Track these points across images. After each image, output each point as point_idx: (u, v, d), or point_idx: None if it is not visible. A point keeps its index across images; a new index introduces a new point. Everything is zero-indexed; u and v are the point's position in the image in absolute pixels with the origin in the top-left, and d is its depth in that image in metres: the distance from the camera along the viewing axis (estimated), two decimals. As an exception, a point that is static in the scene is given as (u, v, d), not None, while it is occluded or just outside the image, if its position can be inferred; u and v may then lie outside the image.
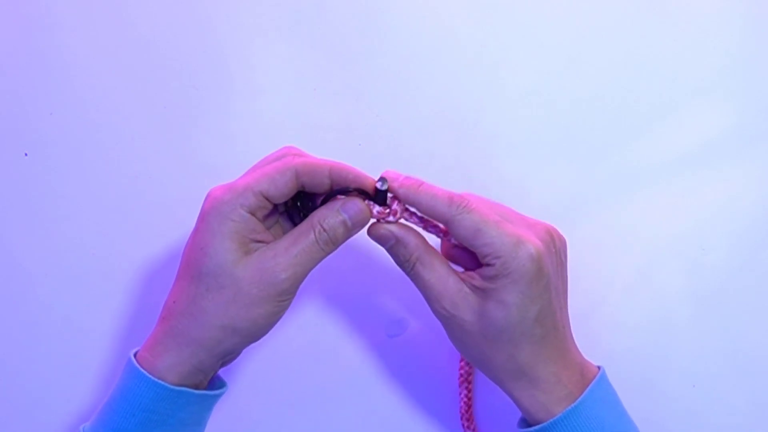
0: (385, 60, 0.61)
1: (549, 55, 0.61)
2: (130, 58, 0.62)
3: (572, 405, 0.48)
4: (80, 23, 0.62)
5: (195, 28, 0.62)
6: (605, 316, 0.59)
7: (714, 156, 0.60)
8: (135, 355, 0.49)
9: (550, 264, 0.48)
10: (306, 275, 0.49)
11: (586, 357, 0.51)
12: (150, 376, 0.48)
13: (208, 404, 0.51)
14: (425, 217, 0.50)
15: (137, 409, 0.48)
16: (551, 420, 0.48)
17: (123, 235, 0.61)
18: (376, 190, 0.49)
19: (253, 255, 0.48)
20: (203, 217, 0.48)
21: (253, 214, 0.48)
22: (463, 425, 0.58)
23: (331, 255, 0.49)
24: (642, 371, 0.53)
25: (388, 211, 0.50)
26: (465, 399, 0.57)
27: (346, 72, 0.61)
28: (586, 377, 0.50)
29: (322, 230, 0.48)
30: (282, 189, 0.48)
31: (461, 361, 0.58)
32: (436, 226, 0.51)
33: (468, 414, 0.57)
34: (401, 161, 0.60)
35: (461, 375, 0.57)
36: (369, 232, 0.50)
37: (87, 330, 0.61)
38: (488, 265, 0.47)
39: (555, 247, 0.50)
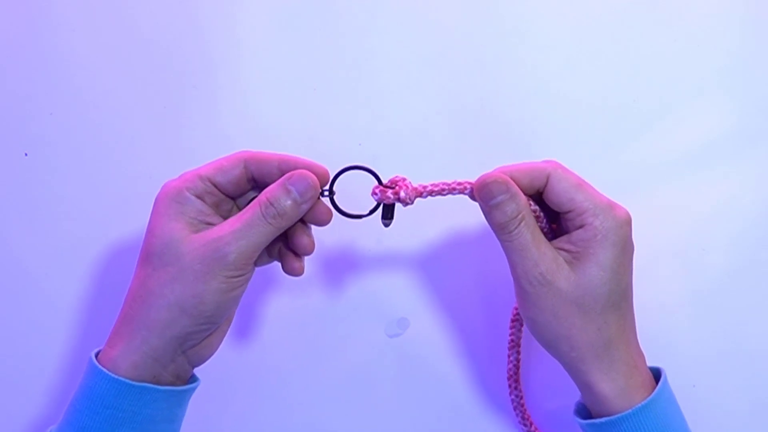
0: (386, 60, 0.61)
1: (548, 55, 0.61)
2: (129, 58, 0.62)
3: (650, 396, 0.47)
4: (80, 23, 0.62)
5: (195, 28, 0.62)
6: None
7: (714, 156, 0.60)
8: (98, 353, 0.49)
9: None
10: (256, 251, 0.48)
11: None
12: (106, 371, 0.46)
13: (177, 401, 0.49)
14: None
15: (99, 406, 0.47)
16: (626, 412, 0.47)
17: (123, 235, 0.61)
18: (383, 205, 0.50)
19: (199, 233, 0.48)
20: (154, 204, 0.49)
21: (200, 198, 0.49)
22: (509, 385, 0.58)
23: (330, 255, 0.49)
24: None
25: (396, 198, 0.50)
26: (514, 362, 0.58)
27: (346, 72, 0.61)
28: (651, 371, 0.50)
29: (267, 203, 0.48)
30: (229, 176, 0.49)
31: (511, 328, 0.58)
32: None
33: (516, 376, 0.58)
34: (401, 161, 0.60)
35: (511, 340, 0.58)
36: (483, 184, 0.48)
37: (88, 329, 0.61)
38: (582, 226, 0.48)
39: None
